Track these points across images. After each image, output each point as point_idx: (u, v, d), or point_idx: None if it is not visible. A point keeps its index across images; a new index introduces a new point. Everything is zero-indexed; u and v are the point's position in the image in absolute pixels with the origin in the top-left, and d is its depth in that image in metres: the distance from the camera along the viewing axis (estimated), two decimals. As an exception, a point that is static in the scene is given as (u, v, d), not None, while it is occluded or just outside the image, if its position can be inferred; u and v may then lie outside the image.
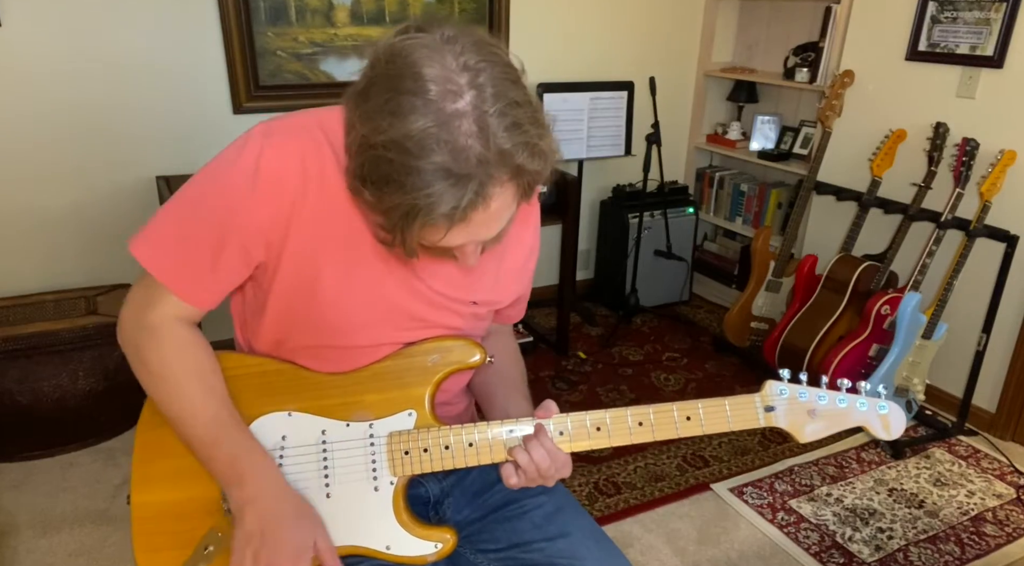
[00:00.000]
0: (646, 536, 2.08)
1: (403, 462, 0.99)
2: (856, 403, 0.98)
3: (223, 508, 0.99)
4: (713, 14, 3.52)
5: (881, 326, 2.53)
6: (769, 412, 0.98)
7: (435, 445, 0.98)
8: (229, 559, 0.96)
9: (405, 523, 0.99)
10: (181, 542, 0.99)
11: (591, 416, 0.99)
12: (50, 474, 2.29)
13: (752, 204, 3.53)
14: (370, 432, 0.99)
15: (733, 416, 0.98)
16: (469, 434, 0.98)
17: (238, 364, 1.03)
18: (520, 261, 1.12)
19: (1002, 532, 2.13)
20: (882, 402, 0.98)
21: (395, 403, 0.99)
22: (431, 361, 1.00)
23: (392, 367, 1.00)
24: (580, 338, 3.25)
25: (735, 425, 0.98)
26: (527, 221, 1.12)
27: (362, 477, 0.99)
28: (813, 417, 0.98)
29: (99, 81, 2.49)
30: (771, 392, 0.99)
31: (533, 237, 1.14)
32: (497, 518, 1.10)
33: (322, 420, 0.99)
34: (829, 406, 0.98)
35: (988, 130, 2.45)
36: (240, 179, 0.89)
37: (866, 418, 0.98)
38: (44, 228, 2.52)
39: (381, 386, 1.00)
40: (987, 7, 2.42)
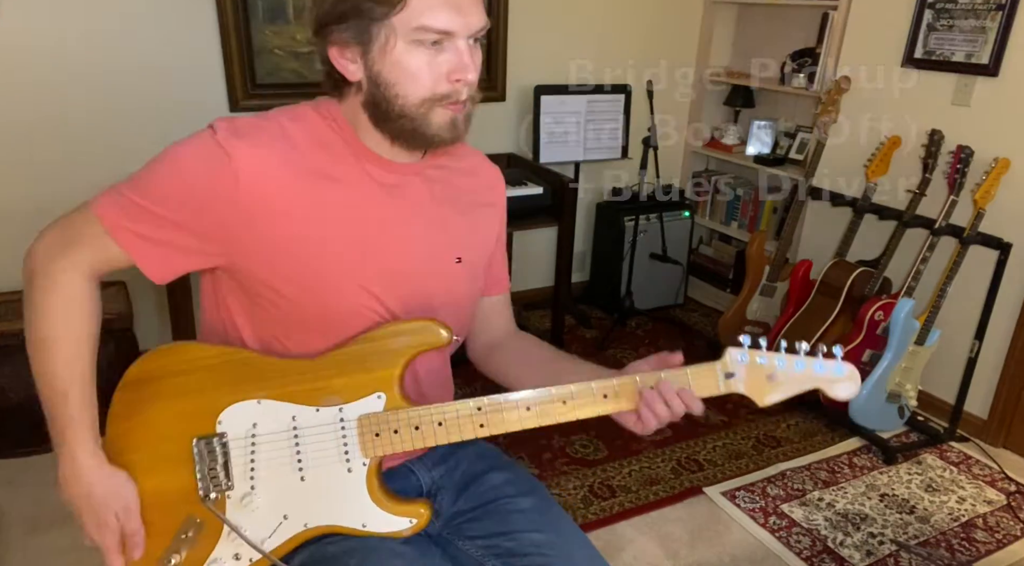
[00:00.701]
0: (639, 539, 2.09)
1: (374, 443, 1.00)
2: (813, 366, 1.00)
3: (199, 496, 1.01)
4: (711, 19, 3.53)
5: (874, 332, 2.53)
6: (729, 378, 1.01)
7: (405, 426, 1.00)
8: (209, 542, 1.00)
9: (379, 501, 1.01)
10: (160, 530, 1.01)
11: (556, 390, 1.00)
12: (42, 471, 2.27)
13: (747, 208, 3.55)
14: (340, 416, 1.00)
15: (695, 383, 1.01)
16: (437, 413, 1.00)
17: (201, 354, 1.02)
18: (490, 217, 1.18)
19: (992, 538, 2.14)
20: (838, 364, 1.00)
21: (364, 386, 1.00)
22: (396, 343, 1.00)
23: (358, 351, 1.01)
24: (575, 340, 3.25)
25: (697, 392, 1.01)
26: (494, 182, 1.20)
27: (335, 459, 1.01)
28: (772, 381, 1.00)
29: (96, 78, 2.48)
30: (731, 359, 1.01)
31: (501, 193, 1.21)
32: (487, 510, 1.12)
33: (292, 406, 1.00)
34: (787, 369, 1.00)
35: (983, 138, 2.46)
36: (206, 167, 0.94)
37: (823, 380, 1.00)
38: (39, 224, 2.51)
39: (349, 370, 1.00)
40: (983, 15, 2.44)
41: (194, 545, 1.01)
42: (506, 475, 1.16)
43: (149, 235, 0.95)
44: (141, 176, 0.97)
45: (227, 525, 1.00)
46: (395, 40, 0.91)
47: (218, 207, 0.93)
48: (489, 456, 1.21)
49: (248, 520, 1.01)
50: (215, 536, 1.01)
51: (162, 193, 0.94)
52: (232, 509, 1.01)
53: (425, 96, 0.94)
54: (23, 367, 2.43)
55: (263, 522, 1.01)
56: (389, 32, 0.91)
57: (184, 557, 1.01)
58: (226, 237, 0.96)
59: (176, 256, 0.97)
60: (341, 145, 1.00)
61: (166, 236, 0.95)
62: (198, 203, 0.93)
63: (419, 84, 0.93)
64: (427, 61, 0.93)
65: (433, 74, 0.93)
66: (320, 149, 0.99)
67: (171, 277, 0.99)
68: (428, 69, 0.93)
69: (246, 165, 0.92)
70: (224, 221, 0.94)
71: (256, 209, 0.94)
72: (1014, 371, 2.52)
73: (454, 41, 0.93)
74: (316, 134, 0.99)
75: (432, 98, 0.94)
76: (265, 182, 0.93)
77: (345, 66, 0.95)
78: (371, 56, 0.93)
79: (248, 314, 1.04)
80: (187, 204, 0.94)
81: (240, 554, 1.02)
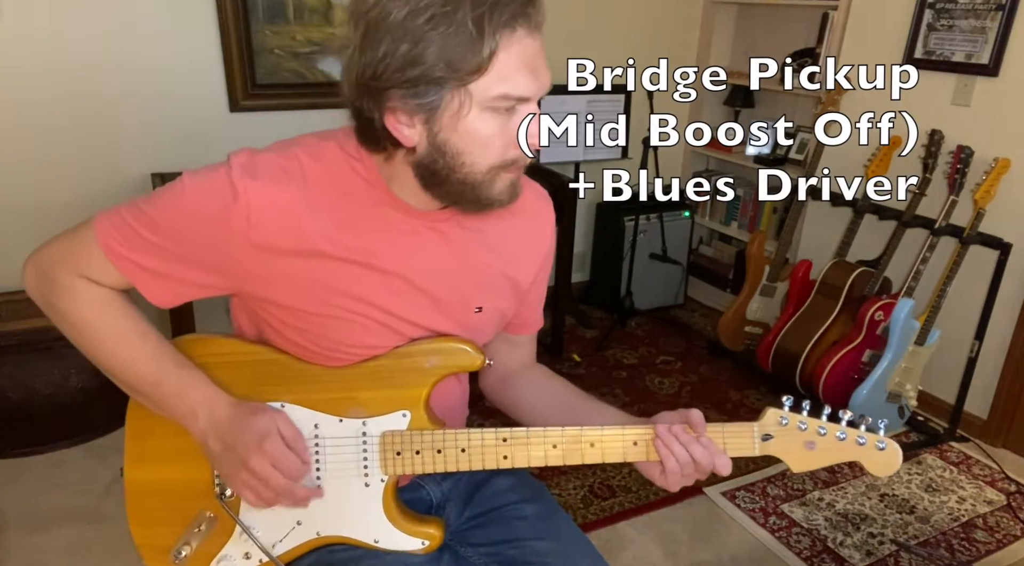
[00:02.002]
0: (639, 539, 2.09)
1: (394, 462, 0.99)
2: (855, 438, 0.96)
3: (215, 491, 1.01)
4: (711, 19, 3.53)
5: (874, 332, 2.53)
6: (766, 440, 0.97)
7: (427, 448, 0.98)
8: (220, 539, 1.00)
9: (394, 519, 1.01)
10: (174, 519, 1.02)
11: (586, 432, 0.97)
12: (41, 471, 2.28)
13: (747, 209, 3.54)
14: (363, 430, 0.99)
15: (730, 443, 0.97)
16: (462, 439, 0.98)
17: (232, 350, 1.02)
18: (528, 263, 1.11)
19: (992, 538, 2.14)
20: (881, 440, 0.95)
21: (390, 402, 0.99)
22: (429, 363, 0.99)
23: (388, 366, 0.99)
24: (574, 340, 3.25)
25: (730, 452, 0.97)
26: (542, 223, 1.13)
27: (353, 473, 1.00)
28: (810, 449, 0.96)
29: (96, 77, 2.48)
30: (771, 420, 0.97)
31: (546, 233, 1.13)
32: (491, 517, 1.11)
33: (316, 414, 0.99)
34: (828, 439, 0.96)
35: (983, 138, 2.46)
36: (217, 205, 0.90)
37: (863, 454, 0.96)
38: (38, 223, 2.51)
39: (377, 384, 0.99)
40: (983, 15, 2.44)
41: (205, 539, 1.02)
42: (511, 480, 1.15)
43: (150, 266, 0.93)
44: (149, 205, 0.92)
45: (239, 525, 1.01)
46: (469, 107, 0.84)
47: (225, 247, 0.90)
48: None
49: (261, 522, 1.01)
50: (227, 533, 1.02)
51: (166, 226, 0.91)
52: (246, 509, 1.01)
53: (494, 164, 0.89)
54: (22, 367, 2.44)
55: (276, 525, 1.01)
56: (464, 98, 0.83)
57: (195, 549, 1.01)
58: (232, 274, 0.93)
59: (179, 286, 0.95)
60: (363, 188, 0.94)
61: (169, 269, 0.93)
62: (203, 240, 0.90)
63: (490, 152, 0.88)
64: (500, 127, 0.86)
65: (504, 140, 0.87)
66: (338, 191, 0.93)
67: (176, 304, 0.97)
68: (501, 136, 0.87)
69: (257, 205, 0.88)
70: (231, 259, 0.91)
71: (265, 248, 0.90)
72: (1014, 371, 2.52)
73: (527, 104, 0.87)
74: (336, 175, 0.93)
75: (500, 165, 0.89)
76: (276, 224, 0.89)
77: (400, 130, 0.87)
78: (438, 123, 0.85)
79: (263, 331, 1.03)
80: (193, 240, 0.91)
81: (251, 554, 1.02)
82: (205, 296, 0.97)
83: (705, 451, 0.94)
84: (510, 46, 0.82)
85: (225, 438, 0.94)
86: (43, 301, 0.99)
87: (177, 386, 0.96)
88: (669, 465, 0.95)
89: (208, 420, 0.95)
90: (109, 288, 0.96)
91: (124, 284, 0.96)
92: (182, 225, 0.90)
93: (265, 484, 0.93)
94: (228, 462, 0.95)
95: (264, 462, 0.92)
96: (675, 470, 0.95)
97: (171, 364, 0.97)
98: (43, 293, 0.98)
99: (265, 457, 0.92)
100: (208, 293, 0.96)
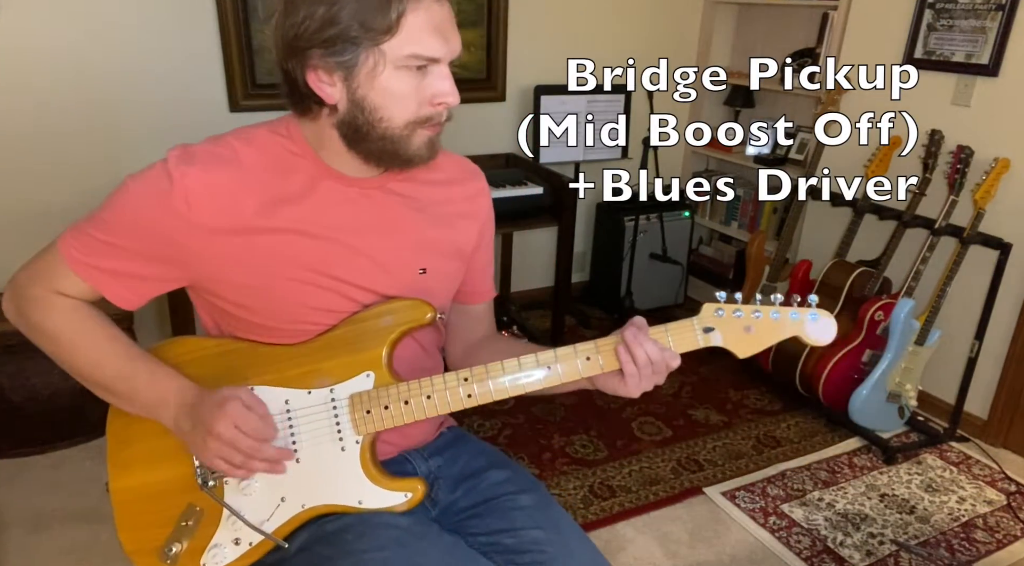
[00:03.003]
0: (639, 539, 2.09)
1: (365, 420, 1.02)
2: (788, 314, 1.01)
3: (197, 483, 1.03)
4: (711, 19, 3.53)
5: (874, 332, 2.53)
6: (708, 333, 1.01)
7: (395, 401, 1.02)
8: (208, 529, 1.03)
9: (374, 477, 1.03)
10: (162, 520, 1.04)
11: (540, 356, 1.02)
12: (41, 471, 2.28)
13: (747, 209, 3.54)
14: (331, 396, 1.03)
15: (674, 340, 1.01)
16: (426, 387, 1.01)
17: (196, 347, 1.07)
18: (466, 227, 1.17)
19: (992, 538, 2.14)
20: (812, 311, 1.01)
21: (353, 366, 1.03)
22: (383, 322, 1.03)
23: (346, 334, 1.04)
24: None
25: (676, 348, 1.01)
26: (475, 192, 1.19)
27: (328, 439, 1.03)
28: (750, 333, 1.01)
29: (95, 77, 2.48)
30: (708, 313, 1.01)
31: (482, 203, 1.20)
32: (488, 507, 1.14)
33: (284, 390, 1.03)
34: (763, 320, 1.01)
35: (983, 138, 2.46)
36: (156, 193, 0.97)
37: (799, 328, 1.01)
38: (38, 223, 2.51)
39: (337, 352, 1.03)
40: (983, 15, 2.44)
41: (195, 533, 1.03)
42: (506, 473, 1.18)
43: (109, 268, 0.99)
44: (100, 210, 1.00)
45: (227, 509, 1.03)
46: (384, 66, 0.93)
47: (170, 233, 0.96)
48: (489, 454, 1.22)
49: (246, 504, 1.03)
50: (215, 523, 1.04)
51: (117, 224, 0.98)
52: (230, 494, 1.04)
53: (410, 119, 0.97)
54: (23, 368, 2.44)
55: (261, 505, 1.03)
56: (378, 58, 0.92)
57: (185, 546, 1.03)
58: (183, 261, 0.99)
59: (139, 284, 1.01)
60: (295, 162, 1.02)
61: (125, 267, 0.99)
62: (151, 231, 0.96)
63: (405, 108, 0.96)
64: (414, 86, 0.95)
65: (418, 98, 0.96)
66: (272, 169, 1.00)
67: (140, 303, 1.03)
68: (414, 93, 0.95)
69: (194, 189, 0.94)
70: (179, 245, 0.97)
71: (208, 231, 0.96)
72: (1014, 371, 2.52)
73: (438, 65, 0.95)
74: (269, 154, 1.01)
75: (416, 121, 0.97)
76: (214, 204, 0.96)
77: (323, 88, 0.95)
78: (356, 80, 0.94)
79: (223, 324, 1.08)
80: (141, 233, 0.97)
81: (240, 539, 1.03)
82: (164, 291, 1.03)
83: (659, 349, 0.99)
84: (417, 10, 0.91)
85: (192, 415, 0.99)
86: (19, 319, 1.05)
87: (147, 379, 1.01)
88: (628, 370, 0.99)
89: (178, 405, 1.00)
90: (79, 299, 1.03)
91: (92, 294, 1.02)
92: (130, 220, 0.97)
93: (232, 446, 0.96)
94: (197, 437, 0.98)
95: (227, 423, 0.95)
96: (633, 373, 0.99)
97: (140, 361, 1.03)
98: (19, 310, 1.05)
99: (227, 418, 0.95)
100: (166, 286, 1.03)
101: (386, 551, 0.99)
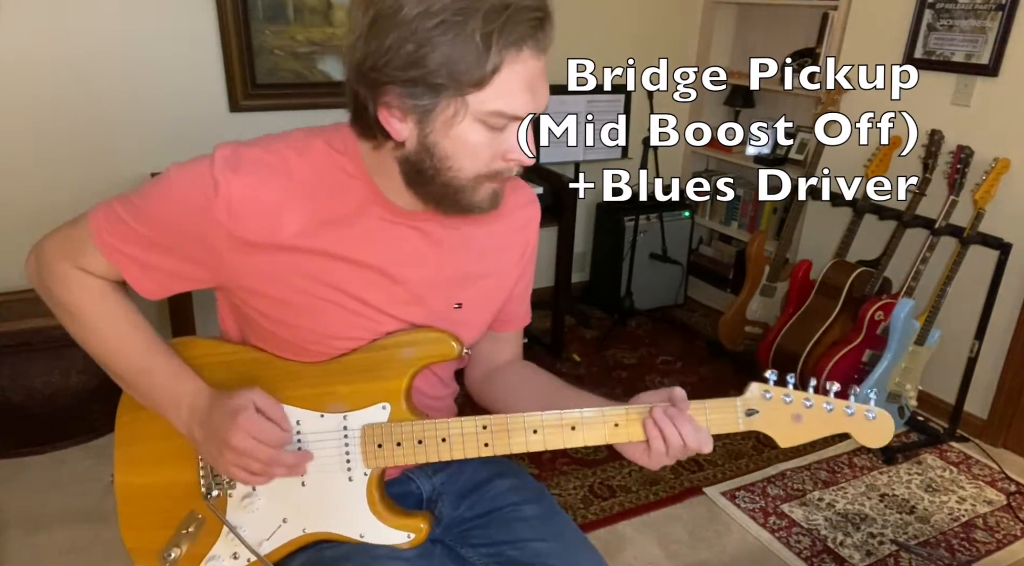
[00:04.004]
0: (639, 539, 2.09)
1: (376, 455, 0.99)
2: (843, 408, 0.93)
3: (201, 492, 1.02)
4: (711, 19, 3.53)
5: (874, 332, 2.53)
6: (751, 416, 0.94)
7: (408, 439, 0.98)
8: (209, 539, 1.01)
9: (379, 513, 1.00)
10: (164, 522, 1.03)
11: (566, 415, 0.96)
12: (41, 471, 2.28)
13: (747, 209, 3.54)
14: (344, 424, 0.99)
15: (712, 420, 0.94)
16: (442, 429, 0.97)
17: (211, 351, 1.04)
18: (510, 262, 1.12)
19: (992, 538, 2.14)
20: (870, 409, 0.93)
21: (369, 395, 0.99)
22: (405, 354, 0.99)
23: (366, 359, 0.99)
24: (574, 340, 3.25)
25: (713, 429, 0.94)
26: (526, 225, 1.13)
27: (336, 467, 1.00)
28: (797, 422, 0.93)
29: (96, 77, 2.48)
30: (755, 394, 0.94)
31: (530, 234, 1.14)
32: (492, 518, 1.11)
33: (296, 410, 1.00)
34: (815, 411, 0.93)
35: (983, 138, 2.46)
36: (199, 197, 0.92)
37: (853, 425, 0.93)
38: (39, 223, 2.49)
39: (355, 378, 0.99)
40: (983, 15, 2.44)
41: (194, 540, 1.02)
42: (511, 481, 1.15)
43: (138, 256, 0.95)
44: (138, 195, 0.95)
45: (226, 526, 1.01)
46: (464, 116, 0.85)
47: (207, 238, 0.92)
48: (494, 462, 1.18)
49: (248, 521, 1.02)
50: (215, 534, 1.02)
51: (153, 216, 0.94)
52: (233, 508, 1.02)
53: (480, 172, 0.89)
54: (22, 367, 2.43)
55: (262, 524, 1.01)
56: (459, 107, 0.84)
57: (184, 551, 1.02)
58: (215, 266, 0.95)
59: (165, 278, 0.97)
60: (347, 184, 0.95)
61: (155, 259, 0.95)
62: (187, 232, 0.92)
63: (477, 160, 0.88)
64: (490, 138, 0.87)
65: (492, 151, 0.88)
66: (323, 188, 0.94)
67: (162, 296, 0.99)
68: (489, 146, 0.88)
69: (237, 199, 0.89)
70: (213, 251, 0.93)
71: (246, 244, 0.91)
72: (1014, 371, 2.52)
73: (519, 122, 0.88)
74: (322, 171, 0.94)
75: (485, 174, 0.90)
76: (257, 219, 0.91)
77: (392, 124, 0.87)
78: (431, 125, 0.86)
79: (244, 327, 1.05)
80: (176, 231, 0.93)
81: (239, 554, 1.02)
82: (190, 288, 1.00)
83: (694, 431, 0.92)
84: (514, 65, 0.83)
85: (206, 424, 0.96)
86: (41, 288, 1.02)
87: (165, 375, 0.99)
88: (656, 446, 0.93)
89: (191, 410, 0.97)
90: (103, 279, 0.99)
91: (116, 275, 0.98)
92: (167, 216, 0.93)
93: (251, 457, 0.93)
94: (212, 447, 0.95)
95: (242, 435, 0.92)
96: (661, 451, 0.93)
97: (161, 355, 1.00)
98: (42, 280, 1.01)
99: (242, 430, 0.92)
100: (193, 285, 0.99)
101: None
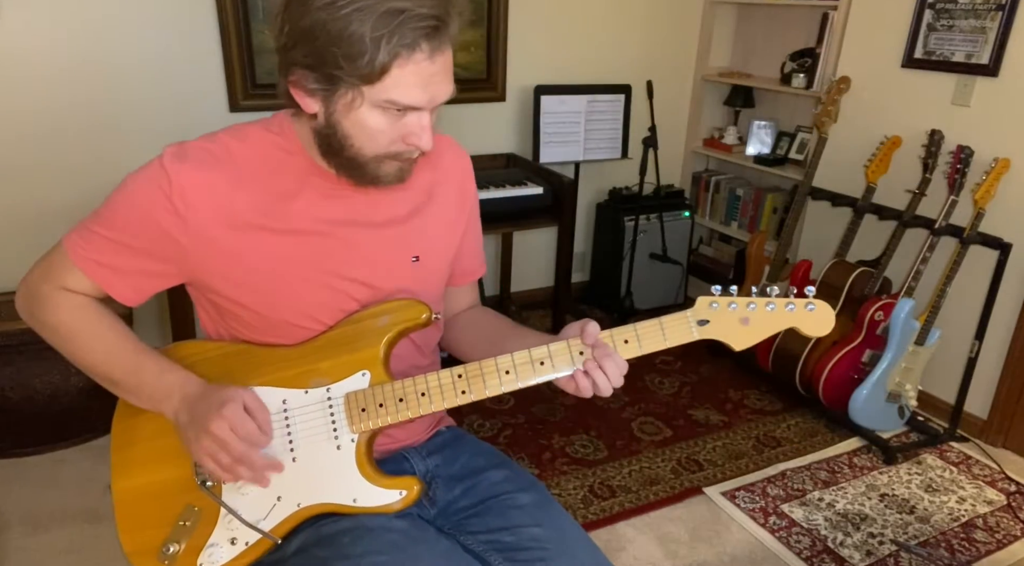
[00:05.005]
0: (639, 539, 2.09)
1: (360, 418, 1.03)
2: (784, 306, 1.00)
3: (196, 483, 1.04)
4: (711, 19, 3.53)
5: (874, 332, 2.53)
6: (703, 325, 1.01)
7: (389, 399, 1.03)
8: (206, 529, 1.04)
9: (369, 475, 1.04)
10: (161, 520, 1.05)
11: (534, 353, 1.02)
12: (41, 471, 2.28)
13: (747, 209, 3.54)
14: (328, 395, 1.04)
15: (668, 334, 1.01)
16: (420, 385, 1.02)
17: (196, 351, 1.09)
18: (452, 210, 1.17)
19: (992, 538, 2.14)
20: (810, 302, 1.00)
21: (349, 366, 1.04)
22: (380, 322, 1.04)
23: (343, 334, 1.05)
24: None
25: (670, 341, 1.01)
26: (460, 176, 1.20)
27: (324, 438, 1.04)
28: (746, 325, 1.00)
29: (96, 77, 2.48)
30: (703, 306, 1.01)
31: (466, 183, 1.21)
32: (487, 506, 1.14)
33: (282, 390, 1.04)
34: (759, 312, 1.00)
35: (983, 138, 2.46)
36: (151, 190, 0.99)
37: (795, 319, 1.00)
38: (39, 223, 2.51)
39: (334, 352, 1.05)
40: (983, 15, 2.44)
41: (192, 533, 1.04)
42: (505, 472, 1.18)
43: (111, 263, 1.02)
44: (103, 206, 1.02)
45: (224, 507, 1.03)
46: (361, 102, 0.92)
47: (169, 229, 0.98)
48: (488, 454, 1.23)
49: (243, 503, 1.04)
50: (212, 523, 1.04)
51: (118, 221, 1.00)
52: (227, 494, 1.04)
53: (379, 153, 0.97)
54: (22, 368, 2.44)
55: (257, 505, 1.04)
56: (356, 94, 0.92)
57: (183, 546, 1.04)
58: (182, 257, 1.01)
59: (140, 280, 1.03)
60: (287, 160, 1.03)
61: (127, 262, 1.01)
62: (150, 227, 0.98)
63: (376, 143, 0.96)
64: (388, 124, 0.94)
65: (392, 135, 0.96)
66: (265, 166, 1.02)
67: (142, 300, 1.05)
68: (388, 131, 0.95)
69: (189, 186, 0.96)
70: (177, 242, 0.99)
71: (204, 228, 0.98)
72: (1014, 371, 2.52)
73: (418, 111, 0.95)
74: (261, 152, 1.02)
75: (385, 155, 0.98)
76: (209, 202, 0.98)
77: (303, 98, 0.95)
78: (333, 107, 0.94)
79: (222, 324, 1.10)
80: (140, 229, 0.99)
81: (236, 538, 1.04)
82: (164, 287, 1.05)
83: (616, 366, 1.00)
84: (405, 65, 0.89)
85: (192, 409, 1.00)
86: (30, 316, 1.08)
87: (153, 372, 1.03)
88: (583, 386, 1.02)
89: (181, 398, 1.02)
90: (86, 296, 1.05)
91: (97, 290, 1.04)
92: (131, 217, 1.00)
93: (225, 449, 0.97)
94: (192, 431, 0.99)
95: (222, 424, 0.96)
96: (587, 389, 1.02)
97: (146, 355, 1.05)
98: (30, 308, 1.07)
99: (224, 420, 0.96)
100: (167, 283, 1.05)
101: (382, 555, 0.99)
